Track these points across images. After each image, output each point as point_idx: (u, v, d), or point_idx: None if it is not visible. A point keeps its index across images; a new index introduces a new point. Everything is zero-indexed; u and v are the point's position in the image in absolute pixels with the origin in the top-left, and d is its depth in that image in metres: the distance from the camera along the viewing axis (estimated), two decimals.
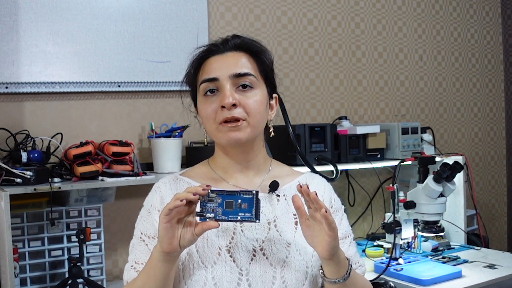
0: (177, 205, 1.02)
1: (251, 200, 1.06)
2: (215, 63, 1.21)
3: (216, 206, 1.07)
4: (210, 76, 1.20)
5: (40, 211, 2.03)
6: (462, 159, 2.65)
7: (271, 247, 1.19)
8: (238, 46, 1.23)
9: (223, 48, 1.23)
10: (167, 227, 1.04)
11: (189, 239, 1.06)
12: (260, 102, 1.21)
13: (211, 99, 1.20)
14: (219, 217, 1.06)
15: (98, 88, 2.26)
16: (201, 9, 2.46)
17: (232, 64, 1.20)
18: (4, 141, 2.06)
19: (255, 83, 1.21)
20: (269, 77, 1.28)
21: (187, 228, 1.06)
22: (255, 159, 1.26)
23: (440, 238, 2.62)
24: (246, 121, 1.18)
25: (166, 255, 1.07)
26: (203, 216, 1.07)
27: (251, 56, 1.24)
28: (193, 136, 2.37)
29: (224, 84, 1.18)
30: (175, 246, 1.05)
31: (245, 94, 1.19)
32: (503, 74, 3.60)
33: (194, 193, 1.03)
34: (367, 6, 3.02)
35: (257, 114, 1.20)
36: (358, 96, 2.99)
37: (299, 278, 1.18)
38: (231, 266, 1.16)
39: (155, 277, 1.10)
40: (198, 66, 1.25)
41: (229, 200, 1.07)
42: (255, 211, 1.06)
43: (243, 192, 1.07)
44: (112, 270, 2.30)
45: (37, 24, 2.13)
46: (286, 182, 1.28)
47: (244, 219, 1.06)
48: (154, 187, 1.28)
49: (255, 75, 1.22)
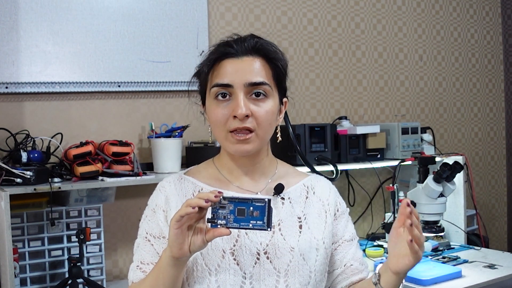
0: (188, 212, 1.01)
1: (263, 208, 1.05)
2: (230, 67, 1.17)
3: (227, 213, 1.05)
4: (224, 81, 1.16)
5: (40, 211, 2.02)
6: (462, 159, 2.65)
7: (275, 251, 1.18)
8: (254, 49, 1.19)
9: (239, 51, 1.18)
10: (177, 233, 1.03)
11: (199, 245, 1.05)
12: (272, 112, 1.19)
13: (222, 104, 1.17)
14: (230, 224, 1.05)
15: (98, 88, 2.25)
16: (201, 9, 2.46)
17: (248, 71, 1.16)
18: (4, 141, 2.06)
19: (268, 92, 1.18)
20: (282, 83, 1.25)
21: (197, 234, 1.05)
22: (261, 162, 1.26)
23: (440, 238, 2.62)
24: (255, 132, 1.16)
25: (176, 260, 1.07)
26: (214, 222, 1.05)
27: (266, 61, 1.20)
28: (193, 136, 2.36)
29: (238, 93, 1.15)
30: (185, 251, 1.05)
31: (258, 103, 1.17)
32: (503, 74, 3.60)
33: (207, 200, 1.02)
34: (367, 6, 3.02)
35: (267, 125, 1.18)
36: (358, 96, 2.99)
37: (302, 282, 1.18)
38: (235, 269, 1.15)
39: (163, 281, 1.10)
40: (211, 67, 1.21)
41: (241, 207, 1.05)
42: (267, 219, 1.05)
43: (256, 200, 1.05)
44: (112, 270, 2.30)
45: (37, 24, 2.13)
46: (291, 185, 1.27)
47: (256, 227, 1.05)
48: (158, 186, 1.26)
49: (270, 83, 1.18)
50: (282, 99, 1.26)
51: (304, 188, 1.28)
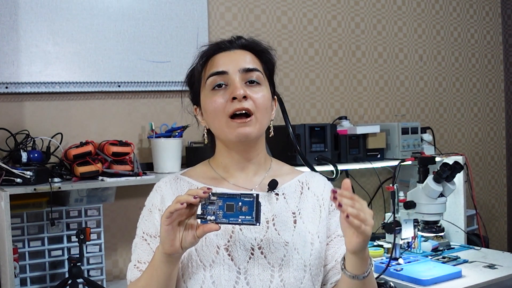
0: (178, 208, 1.03)
1: (251, 203, 1.07)
2: (223, 58, 1.23)
3: (217, 208, 1.07)
4: (219, 69, 1.21)
5: (40, 211, 2.03)
6: (462, 159, 2.65)
7: (269, 246, 1.19)
8: (244, 46, 1.26)
9: (230, 46, 1.25)
10: (168, 229, 1.05)
11: (191, 241, 1.07)
12: (267, 98, 1.23)
13: (219, 93, 1.20)
14: (219, 220, 1.07)
15: (98, 88, 2.26)
16: (201, 9, 2.46)
17: (241, 59, 1.23)
18: (4, 141, 2.06)
19: (261, 80, 1.23)
20: (272, 77, 1.31)
21: (188, 230, 1.07)
22: (256, 157, 1.27)
23: (440, 238, 2.62)
24: (255, 115, 1.19)
25: (168, 257, 1.08)
26: (204, 218, 1.07)
27: (256, 55, 1.26)
28: (193, 136, 2.37)
29: (234, 78, 1.20)
30: (176, 247, 1.06)
31: (253, 89, 1.21)
32: (503, 74, 3.60)
33: (195, 196, 1.04)
34: (367, 6, 3.02)
35: (264, 109, 1.21)
36: (358, 96, 2.99)
37: (297, 277, 1.18)
38: (229, 265, 1.16)
39: (157, 278, 1.11)
40: (205, 62, 1.26)
41: (230, 202, 1.07)
42: (255, 214, 1.07)
43: (244, 195, 1.07)
44: (112, 270, 2.30)
45: (37, 24, 2.13)
46: (286, 181, 1.29)
47: (245, 222, 1.07)
48: (155, 186, 1.28)
49: (262, 72, 1.24)
50: (273, 95, 1.30)
51: (299, 184, 1.30)
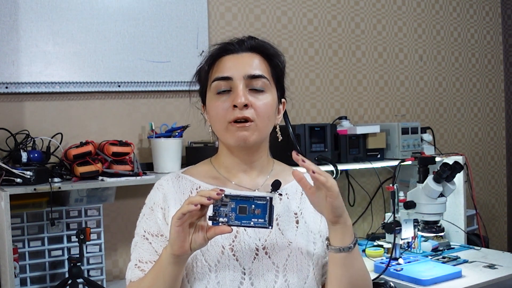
0: (190, 210, 1.02)
1: (264, 206, 1.05)
2: (230, 62, 1.21)
3: (229, 210, 1.06)
4: (224, 74, 1.19)
5: (40, 211, 2.03)
6: (462, 159, 2.65)
7: (273, 246, 1.19)
8: (253, 48, 1.23)
9: (239, 48, 1.22)
10: (179, 230, 1.04)
11: (200, 243, 1.06)
12: (271, 106, 1.21)
13: (222, 98, 1.19)
14: (232, 222, 1.06)
15: (98, 88, 2.26)
16: (201, 9, 2.46)
17: (247, 64, 1.20)
18: (4, 141, 2.06)
19: (267, 87, 1.21)
20: (280, 81, 1.28)
21: (198, 232, 1.06)
22: (259, 160, 1.27)
23: (440, 238, 2.62)
24: (255, 122, 1.18)
25: (176, 258, 1.07)
26: (216, 220, 1.06)
27: (265, 59, 1.24)
28: (193, 136, 2.36)
29: (237, 84, 1.18)
30: (186, 249, 1.05)
31: (257, 96, 1.19)
32: (503, 74, 3.60)
33: (208, 198, 1.03)
34: (367, 6, 3.02)
35: (266, 118, 1.20)
36: (358, 96, 2.99)
37: (301, 276, 1.19)
38: (234, 265, 1.16)
39: (163, 279, 1.10)
40: (212, 63, 1.24)
41: (243, 205, 1.06)
42: (268, 217, 1.05)
43: (257, 198, 1.06)
44: (112, 270, 2.30)
45: (37, 24, 2.13)
46: (288, 181, 1.28)
47: (257, 225, 1.06)
48: (156, 184, 1.27)
49: (268, 78, 1.22)
50: (280, 99, 1.28)
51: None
